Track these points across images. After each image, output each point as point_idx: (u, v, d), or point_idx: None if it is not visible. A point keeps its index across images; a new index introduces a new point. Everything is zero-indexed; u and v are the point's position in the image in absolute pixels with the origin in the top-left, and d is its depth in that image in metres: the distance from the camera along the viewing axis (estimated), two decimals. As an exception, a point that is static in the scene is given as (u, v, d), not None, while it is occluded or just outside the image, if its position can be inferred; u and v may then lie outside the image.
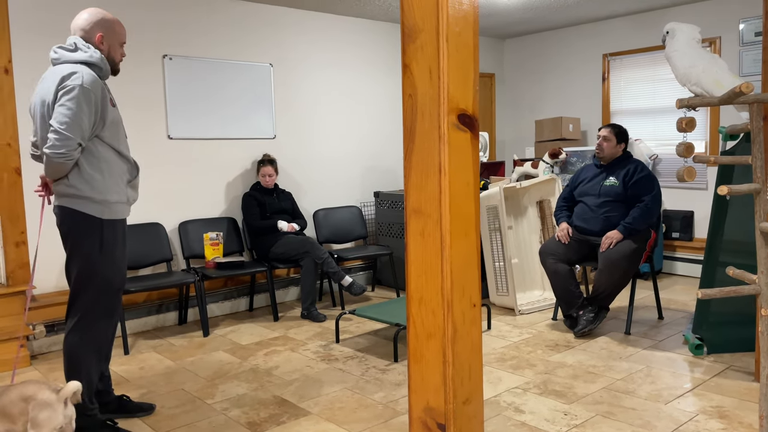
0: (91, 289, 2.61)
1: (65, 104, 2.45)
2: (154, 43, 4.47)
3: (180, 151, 4.64)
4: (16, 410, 2.22)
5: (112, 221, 2.62)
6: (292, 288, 5.24)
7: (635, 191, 3.95)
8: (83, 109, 2.47)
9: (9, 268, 3.92)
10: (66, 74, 2.48)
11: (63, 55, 2.57)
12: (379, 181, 5.90)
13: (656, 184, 3.97)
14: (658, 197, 3.95)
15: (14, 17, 3.88)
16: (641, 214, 3.90)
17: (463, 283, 1.49)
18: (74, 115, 2.45)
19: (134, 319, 4.34)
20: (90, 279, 2.60)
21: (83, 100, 2.46)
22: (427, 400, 1.53)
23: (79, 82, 2.47)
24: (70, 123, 2.44)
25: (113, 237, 2.62)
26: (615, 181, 4.03)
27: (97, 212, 2.57)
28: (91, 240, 2.58)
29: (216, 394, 3.20)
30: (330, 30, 5.47)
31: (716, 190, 3.31)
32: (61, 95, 2.46)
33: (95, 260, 2.59)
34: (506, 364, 3.53)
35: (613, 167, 4.09)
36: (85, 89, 2.47)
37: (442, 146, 1.41)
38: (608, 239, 3.90)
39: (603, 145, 4.09)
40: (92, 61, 2.56)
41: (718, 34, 5.29)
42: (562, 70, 6.51)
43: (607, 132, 4.08)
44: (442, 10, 1.37)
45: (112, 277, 2.64)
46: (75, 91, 2.45)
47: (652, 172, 4.04)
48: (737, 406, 2.87)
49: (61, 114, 2.45)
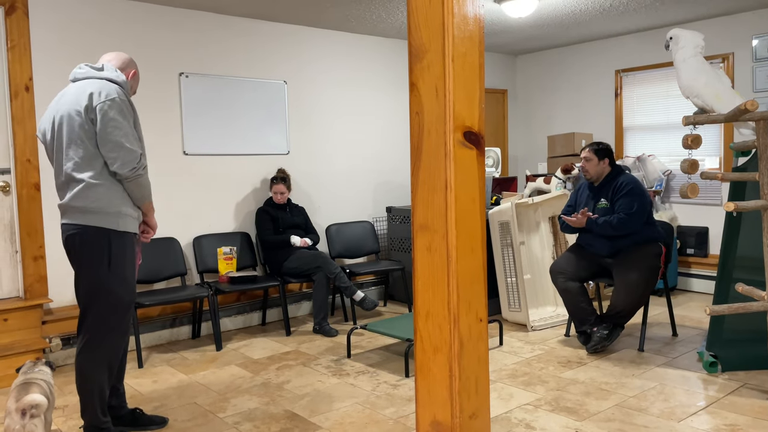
0: (102, 306, 2.61)
1: (114, 118, 2.51)
2: (170, 61, 4.56)
3: (195, 166, 4.71)
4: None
5: (120, 234, 2.62)
6: (305, 303, 5.27)
7: (618, 209, 3.89)
8: (128, 118, 2.57)
9: (27, 282, 3.99)
10: (97, 90, 2.53)
11: (89, 72, 2.64)
12: (391, 197, 5.93)
13: (638, 203, 3.82)
14: (636, 214, 3.81)
15: (35, 36, 3.99)
16: (616, 222, 3.81)
17: (470, 298, 1.51)
18: (125, 127, 2.54)
19: (148, 333, 4.39)
20: (99, 295, 2.60)
21: (126, 112, 2.56)
22: (434, 414, 1.55)
23: (114, 95, 2.54)
24: (128, 136, 2.54)
25: (122, 251, 2.63)
26: (605, 203, 3.97)
27: (105, 224, 2.58)
28: (101, 254, 2.58)
29: (228, 408, 3.22)
30: (343, 47, 5.55)
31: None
32: (104, 110, 2.51)
33: (104, 275, 2.59)
34: (518, 380, 3.52)
35: (603, 187, 4.03)
36: (123, 101, 2.57)
37: (448, 163, 1.44)
38: (576, 217, 3.92)
39: (585, 167, 4.04)
40: (118, 81, 2.63)
41: (731, 50, 5.29)
42: (574, 86, 6.52)
43: (587, 152, 4.01)
44: (447, 31, 1.41)
45: (123, 293, 2.64)
46: (116, 104, 2.53)
47: (639, 186, 3.91)
48: (751, 425, 2.84)
49: (116, 129, 2.51)
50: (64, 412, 3.22)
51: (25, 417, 2.46)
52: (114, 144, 2.50)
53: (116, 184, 2.60)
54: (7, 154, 3.97)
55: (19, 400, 2.49)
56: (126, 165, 2.52)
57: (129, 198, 2.66)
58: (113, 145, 2.50)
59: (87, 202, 2.55)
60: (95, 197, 2.56)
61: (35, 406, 2.47)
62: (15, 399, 2.51)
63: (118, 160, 2.51)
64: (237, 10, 4.70)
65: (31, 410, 2.47)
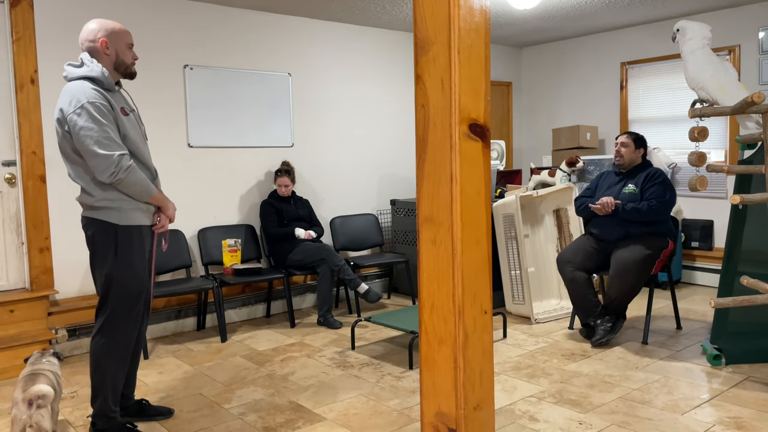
0: (112, 295, 2.67)
1: (84, 126, 2.49)
2: (175, 54, 4.56)
3: (200, 159, 4.72)
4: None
5: (127, 228, 2.65)
6: (309, 295, 5.28)
7: (648, 195, 3.93)
8: (101, 121, 2.52)
9: (33, 273, 4.01)
10: (67, 101, 2.53)
11: (70, 72, 2.63)
12: (395, 190, 5.93)
13: (670, 193, 3.92)
14: (667, 203, 3.89)
15: (40, 28, 3.99)
16: (642, 207, 3.85)
17: (475, 290, 1.51)
18: (96, 132, 2.50)
19: (154, 325, 4.41)
20: (110, 284, 2.66)
21: (96, 114, 2.51)
22: (438, 405, 1.56)
23: (84, 100, 2.51)
24: (101, 141, 2.50)
25: (128, 243, 2.66)
26: (634, 188, 4.00)
27: (113, 219, 2.62)
28: (107, 247, 2.64)
29: (233, 399, 3.24)
30: (347, 40, 5.53)
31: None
32: (73, 121, 2.50)
33: (111, 267, 2.65)
34: (521, 372, 3.53)
35: (632, 174, 4.07)
36: (91, 104, 2.51)
37: (453, 155, 1.44)
38: (602, 203, 3.93)
39: (622, 151, 4.07)
40: (91, 75, 2.59)
41: (737, 42, 5.26)
42: (579, 79, 6.50)
43: (625, 138, 4.07)
44: (453, 23, 1.40)
45: (129, 283, 2.67)
46: (84, 111, 2.50)
47: (669, 180, 4.00)
48: (755, 417, 2.84)
49: (86, 137, 2.49)
50: (72, 402, 3.24)
51: (32, 407, 2.50)
52: (88, 153, 2.51)
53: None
54: (13, 146, 3.98)
55: (25, 391, 2.51)
56: (104, 172, 2.52)
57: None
58: (88, 155, 2.52)
59: (92, 201, 2.62)
60: (99, 196, 2.61)
61: (42, 397, 2.51)
62: (22, 389, 2.54)
63: (95, 169, 2.53)
64: (241, 2, 4.69)
65: (37, 401, 2.51)
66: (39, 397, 2.51)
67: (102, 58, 2.66)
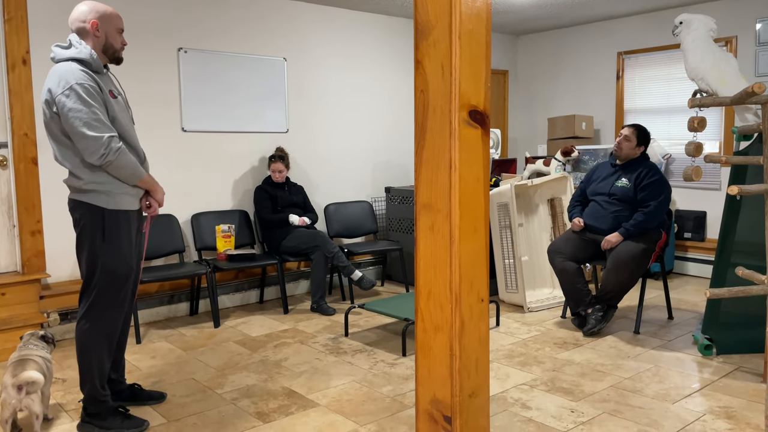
0: (97, 279, 2.63)
1: (72, 108, 2.45)
2: (169, 37, 4.51)
3: (194, 143, 4.69)
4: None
5: (115, 212, 2.62)
6: (303, 281, 5.27)
7: (643, 195, 3.93)
8: (90, 103, 2.48)
9: (25, 256, 3.98)
10: (55, 82, 2.49)
11: (57, 53, 2.59)
12: (390, 177, 5.91)
13: (665, 190, 3.93)
14: (664, 203, 3.92)
15: (32, 8, 3.93)
16: (644, 218, 3.88)
17: (472, 278, 1.50)
18: (85, 114, 2.46)
19: (146, 309, 4.39)
20: (95, 268, 2.63)
21: (85, 95, 2.48)
22: (433, 392, 1.55)
23: (72, 81, 2.47)
24: (90, 122, 2.47)
25: (116, 227, 2.63)
26: (626, 183, 4.01)
27: (101, 203, 2.59)
28: (94, 230, 2.61)
29: (226, 384, 3.24)
30: (344, 25, 5.49)
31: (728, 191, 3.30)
32: (62, 103, 2.46)
33: (98, 250, 2.61)
34: (514, 360, 3.55)
35: (627, 168, 4.07)
36: (80, 85, 2.48)
37: (452, 142, 1.43)
38: (607, 243, 3.92)
39: (622, 145, 4.06)
40: (80, 57, 2.56)
41: (734, 33, 5.25)
42: (575, 68, 6.48)
43: (629, 132, 4.05)
44: (455, 7, 1.39)
45: (116, 267, 2.64)
46: (73, 92, 2.46)
47: (664, 176, 3.99)
48: (745, 407, 2.87)
49: (75, 119, 2.46)
50: (63, 385, 3.23)
51: (21, 392, 2.50)
52: (77, 135, 2.47)
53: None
54: (5, 127, 3.93)
55: (15, 376, 2.51)
56: (93, 154, 2.49)
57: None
58: (77, 137, 2.48)
59: (80, 183, 2.58)
60: (88, 179, 2.57)
61: (31, 383, 2.51)
62: (12, 374, 2.53)
63: (85, 151, 2.49)
64: (237, -16, 4.63)
65: (27, 387, 2.50)
66: (28, 384, 2.51)
67: (91, 40, 2.62)
